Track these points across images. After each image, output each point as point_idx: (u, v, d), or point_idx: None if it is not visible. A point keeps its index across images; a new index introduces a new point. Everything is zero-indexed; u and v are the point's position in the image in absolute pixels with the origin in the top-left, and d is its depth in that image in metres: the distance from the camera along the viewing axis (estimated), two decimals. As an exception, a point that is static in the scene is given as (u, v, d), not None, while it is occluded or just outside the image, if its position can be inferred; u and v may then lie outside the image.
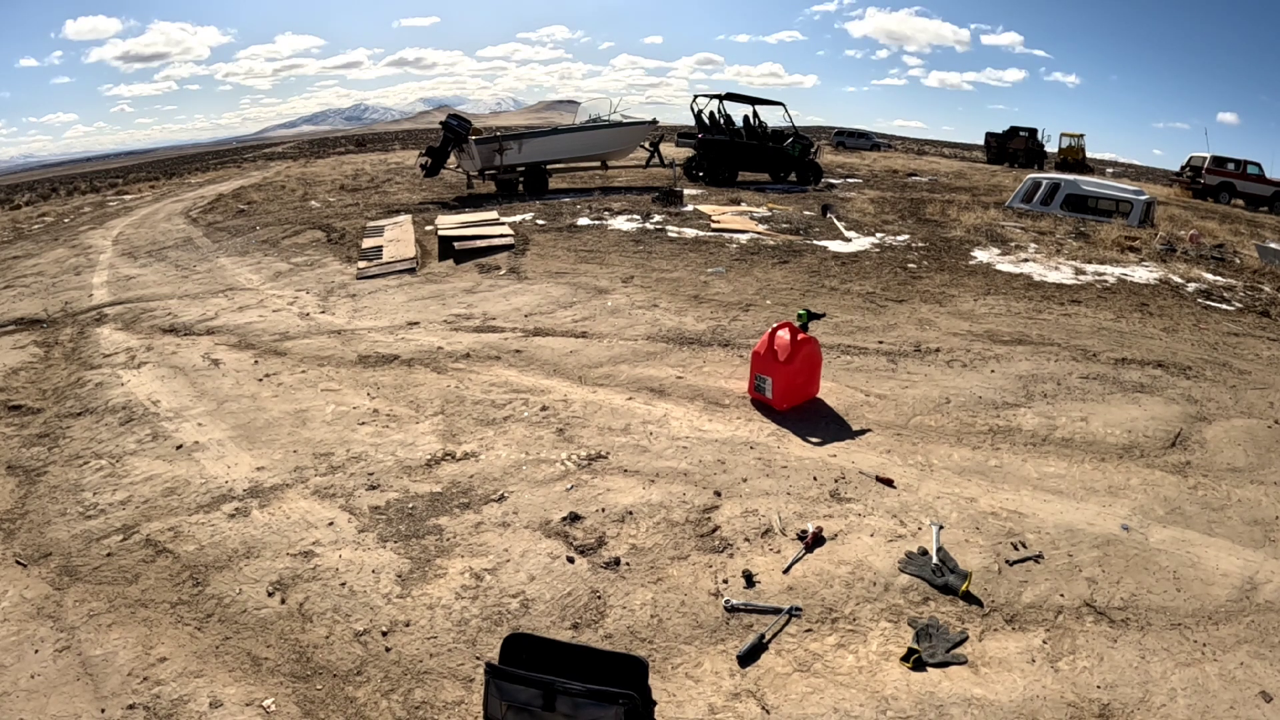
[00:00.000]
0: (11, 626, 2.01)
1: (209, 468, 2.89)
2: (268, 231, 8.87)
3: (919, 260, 6.98)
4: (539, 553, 2.28)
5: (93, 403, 3.62)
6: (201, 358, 4.22)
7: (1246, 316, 5.54)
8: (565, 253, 6.94)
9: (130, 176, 27.67)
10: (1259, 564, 2.25)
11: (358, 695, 1.76)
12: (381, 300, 5.46)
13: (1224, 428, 3.22)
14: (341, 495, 2.64)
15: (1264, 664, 1.84)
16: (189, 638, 1.95)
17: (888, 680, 1.78)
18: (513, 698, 1.50)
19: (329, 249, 7.69)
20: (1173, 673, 1.81)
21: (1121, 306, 5.51)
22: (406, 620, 2.00)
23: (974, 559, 2.23)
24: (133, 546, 2.37)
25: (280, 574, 2.20)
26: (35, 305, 5.81)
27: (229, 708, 1.72)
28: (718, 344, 4.25)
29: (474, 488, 2.66)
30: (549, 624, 1.98)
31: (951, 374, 3.83)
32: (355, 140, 45.94)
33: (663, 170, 13.90)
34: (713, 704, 1.72)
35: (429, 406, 3.41)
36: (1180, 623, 1.99)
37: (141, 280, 6.58)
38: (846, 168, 20.77)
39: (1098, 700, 1.73)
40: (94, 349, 4.53)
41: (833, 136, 40.28)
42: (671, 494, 2.60)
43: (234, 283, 6.31)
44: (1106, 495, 2.63)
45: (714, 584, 2.13)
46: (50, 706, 1.73)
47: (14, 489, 2.80)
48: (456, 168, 12.97)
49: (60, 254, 8.41)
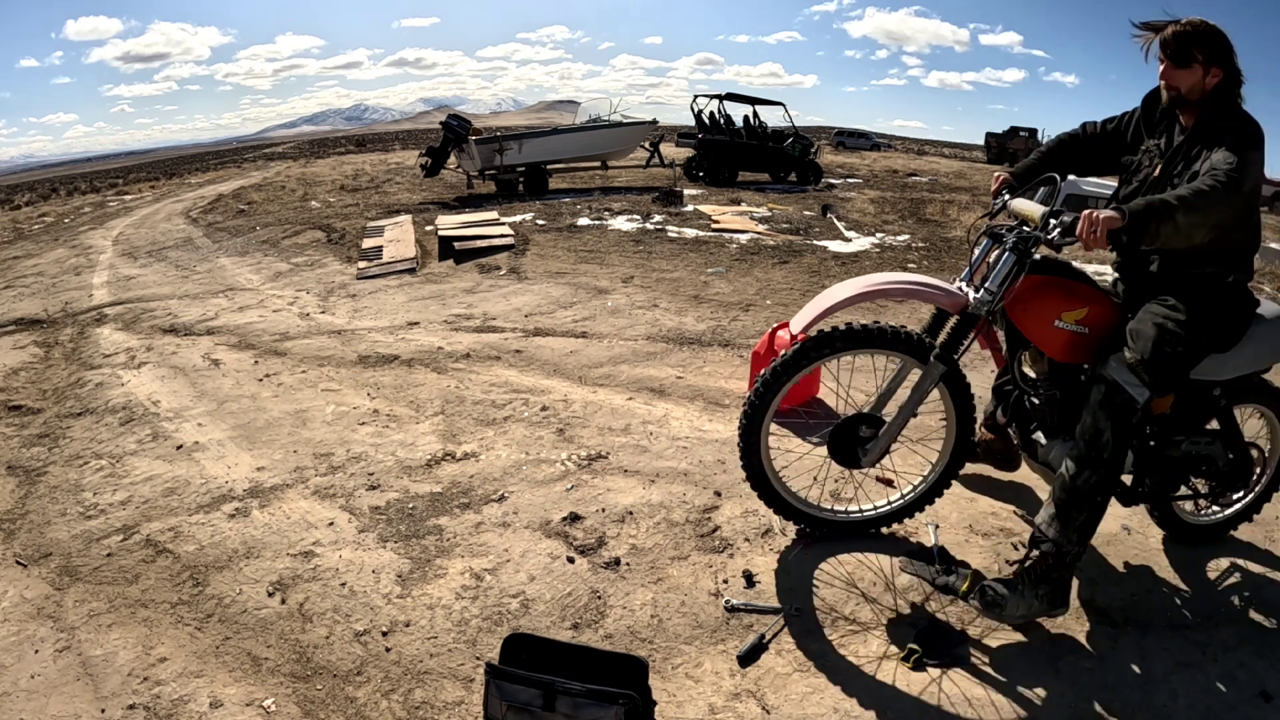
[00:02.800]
0: (11, 626, 2.01)
1: (209, 468, 2.90)
2: (268, 232, 8.87)
3: (919, 260, 6.98)
4: (539, 553, 2.28)
5: (93, 403, 3.62)
6: (201, 358, 4.22)
7: (1246, 316, 5.54)
8: (565, 253, 6.94)
9: (130, 176, 27.69)
10: (1259, 564, 2.25)
11: (358, 695, 1.76)
12: (381, 300, 5.47)
13: (1224, 428, 3.22)
14: (341, 495, 2.64)
15: (1264, 664, 1.84)
16: (189, 638, 1.95)
17: (888, 680, 1.78)
18: (513, 698, 1.50)
19: (329, 249, 7.70)
20: (1173, 673, 1.81)
21: (1121, 306, 5.51)
22: (406, 620, 2.00)
23: (974, 559, 2.23)
24: (133, 547, 2.37)
25: (280, 574, 2.20)
26: (35, 305, 5.81)
27: (229, 708, 1.72)
28: (718, 344, 4.25)
29: (474, 488, 2.66)
30: (549, 624, 1.98)
31: (951, 374, 3.83)
32: (355, 140, 45.95)
33: (663, 170, 13.91)
34: (713, 704, 1.72)
35: (429, 406, 3.41)
36: (1180, 623, 1.99)
37: (141, 280, 6.59)
38: (846, 168, 20.78)
39: (1098, 700, 1.73)
40: (94, 349, 4.53)
41: (833, 136, 40.31)
42: (672, 494, 2.60)
43: (234, 283, 6.31)
44: (1106, 495, 2.63)
45: (714, 584, 2.13)
46: (50, 706, 1.73)
47: (14, 489, 2.80)
48: (456, 168, 12.98)
49: (60, 254, 8.41)
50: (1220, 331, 1.98)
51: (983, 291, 1.98)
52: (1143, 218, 1.71)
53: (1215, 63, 1.86)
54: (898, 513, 2.33)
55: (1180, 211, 1.70)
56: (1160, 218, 1.70)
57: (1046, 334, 1.97)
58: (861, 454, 2.15)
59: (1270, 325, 2.05)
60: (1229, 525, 2.37)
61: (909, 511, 2.33)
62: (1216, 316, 1.95)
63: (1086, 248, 1.78)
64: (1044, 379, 2.12)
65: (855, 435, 2.15)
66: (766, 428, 2.16)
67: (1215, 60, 1.86)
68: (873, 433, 2.14)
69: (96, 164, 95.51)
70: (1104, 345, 1.97)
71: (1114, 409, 1.87)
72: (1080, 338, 1.96)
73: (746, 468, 2.19)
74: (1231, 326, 2.00)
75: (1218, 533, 2.37)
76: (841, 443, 2.16)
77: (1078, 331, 1.96)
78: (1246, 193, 1.78)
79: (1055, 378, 2.07)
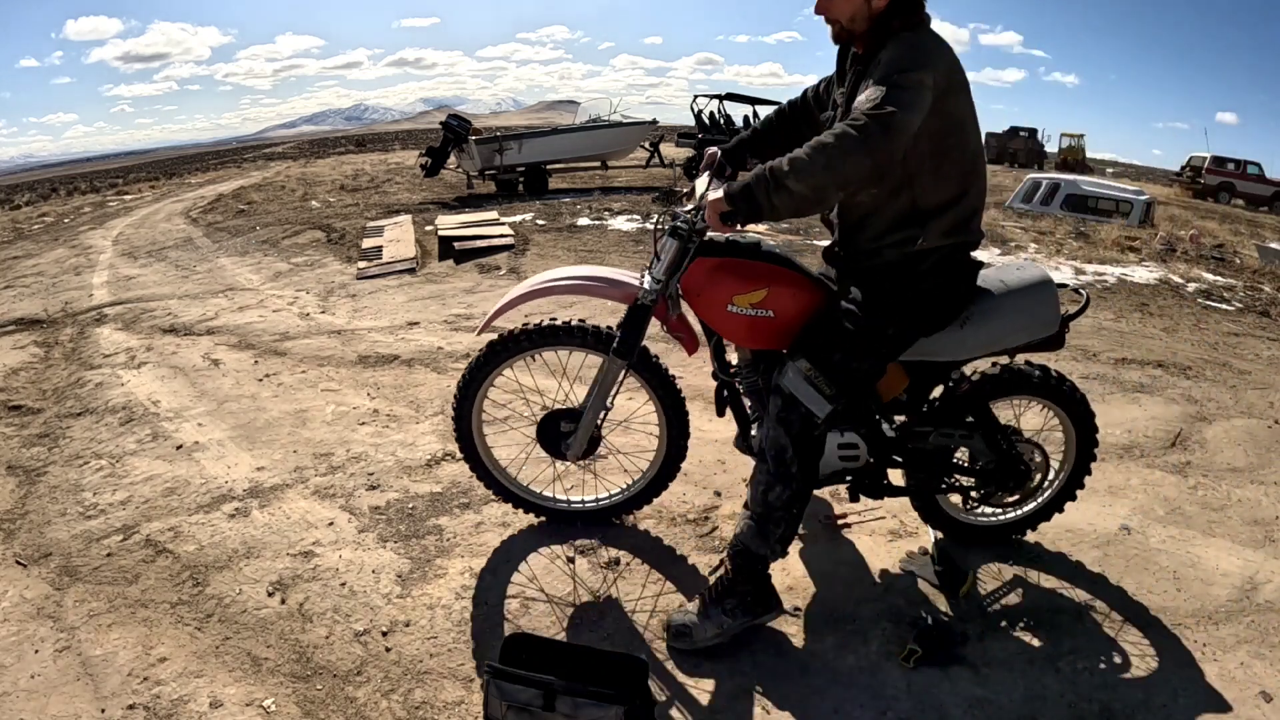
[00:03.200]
0: (11, 626, 2.01)
1: (209, 468, 2.89)
2: (268, 231, 8.87)
3: (919, 260, 6.97)
4: (539, 553, 2.28)
5: (93, 403, 3.62)
6: (201, 358, 4.22)
7: (1246, 316, 5.55)
8: (565, 253, 6.94)
9: (130, 176, 27.69)
10: (1259, 564, 2.25)
11: (358, 695, 1.76)
12: (381, 300, 5.46)
13: (1224, 428, 3.22)
14: (341, 495, 2.64)
15: (1264, 664, 1.84)
16: (189, 638, 1.95)
17: (888, 680, 1.78)
18: (513, 698, 1.50)
19: (329, 249, 7.69)
20: (1172, 673, 1.81)
21: (1121, 306, 5.51)
22: (406, 620, 2.00)
23: (974, 559, 2.23)
24: (133, 546, 2.37)
25: (280, 574, 2.20)
26: (35, 305, 5.81)
27: (229, 708, 1.72)
28: (718, 344, 4.24)
29: (474, 488, 2.65)
30: (549, 624, 1.98)
31: (951, 374, 3.83)
32: (355, 140, 45.96)
33: (663, 170, 13.89)
34: (713, 704, 1.72)
35: (429, 406, 3.41)
36: (1180, 623, 1.99)
37: (141, 280, 6.58)
38: (846, 168, 20.76)
39: (1098, 700, 1.73)
40: (94, 349, 4.53)
41: (833, 136, 40.25)
42: (671, 494, 2.59)
43: (234, 283, 6.31)
44: (1106, 495, 2.63)
45: (714, 584, 2.13)
46: (50, 706, 1.73)
47: (14, 489, 2.80)
48: (456, 168, 12.97)
49: (60, 254, 8.41)
50: (919, 311, 1.74)
51: (649, 280, 1.89)
52: (747, 194, 1.52)
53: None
54: (623, 505, 2.36)
55: (791, 177, 1.46)
56: (770, 188, 1.49)
57: (721, 319, 1.86)
58: (565, 447, 2.15)
59: (1018, 295, 1.85)
60: (1014, 529, 2.24)
61: (638, 504, 2.36)
62: (907, 295, 1.71)
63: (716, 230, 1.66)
64: (745, 366, 2.01)
65: (558, 429, 2.16)
66: (478, 421, 2.25)
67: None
68: (572, 427, 2.13)
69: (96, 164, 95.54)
70: (812, 330, 1.78)
71: (793, 424, 1.72)
72: (765, 322, 1.81)
73: (465, 457, 2.30)
74: (936, 303, 1.76)
75: (1000, 535, 2.24)
76: (547, 436, 2.18)
77: (759, 315, 1.81)
78: (900, 132, 1.45)
79: (755, 365, 1.97)
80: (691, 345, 2.05)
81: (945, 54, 1.55)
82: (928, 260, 1.70)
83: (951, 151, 1.63)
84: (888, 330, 1.72)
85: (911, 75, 1.47)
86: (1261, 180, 21.45)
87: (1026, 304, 1.86)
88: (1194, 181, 22.25)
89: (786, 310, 1.81)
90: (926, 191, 1.64)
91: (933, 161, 1.61)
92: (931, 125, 1.54)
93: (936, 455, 2.03)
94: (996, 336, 1.87)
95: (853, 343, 1.70)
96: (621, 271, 2.09)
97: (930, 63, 1.51)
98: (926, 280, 1.72)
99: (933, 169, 1.62)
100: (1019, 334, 1.89)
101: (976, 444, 2.02)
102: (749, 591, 1.84)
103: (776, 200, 1.51)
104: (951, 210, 1.67)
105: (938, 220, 1.67)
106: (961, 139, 1.64)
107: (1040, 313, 1.87)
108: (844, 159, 1.44)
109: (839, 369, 1.70)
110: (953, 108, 1.58)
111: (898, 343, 1.76)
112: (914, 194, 1.64)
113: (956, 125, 1.61)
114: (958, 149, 1.64)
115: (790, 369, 1.74)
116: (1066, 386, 2.07)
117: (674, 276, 1.87)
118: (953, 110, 1.59)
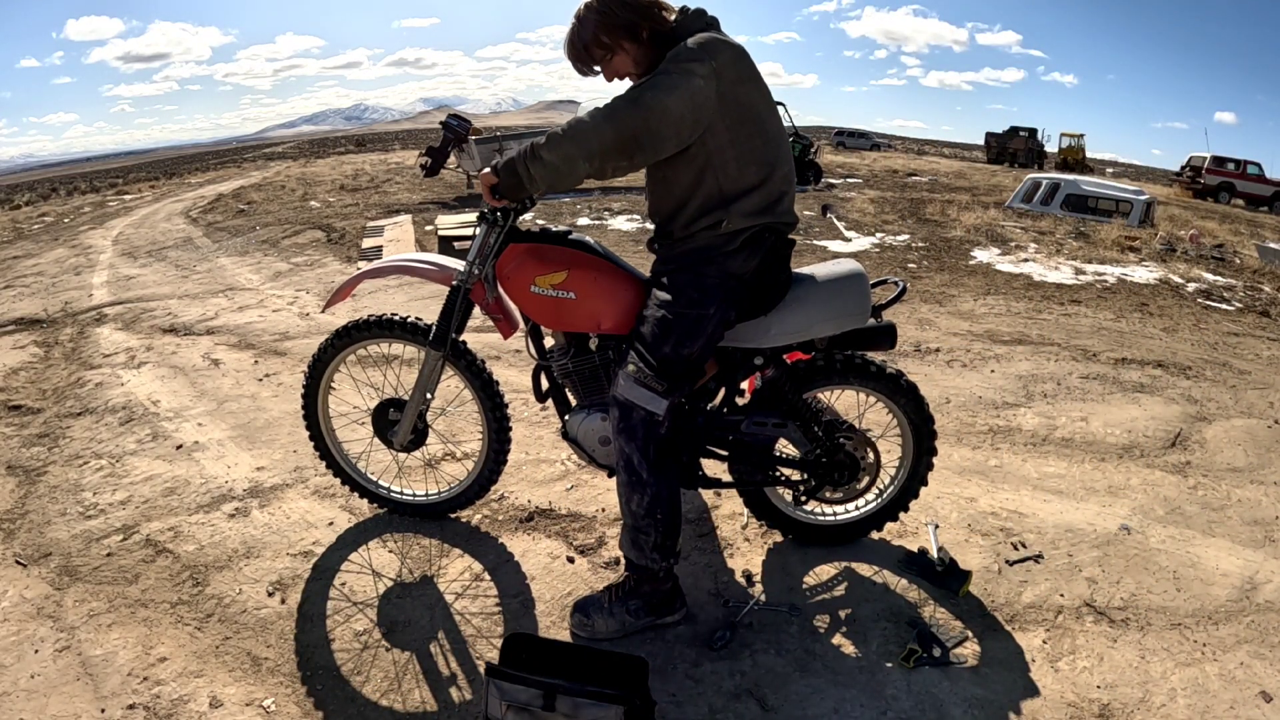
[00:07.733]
0: (11, 626, 2.01)
1: (209, 468, 2.90)
2: (268, 231, 8.87)
3: (919, 260, 6.99)
4: (539, 553, 2.28)
5: (93, 403, 3.62)
6: (201, 358, 4.22)
7: (1246, 316, 5.55)
8: (565, 253, 6.93)
9: (130, 176, 27.70)
10: (1259, 564, 2.25)
11: (358, 695, 1.76)
12: (381, 300, 5.46)
13: (1224, 428, 3.22)
14: (341, 495, 2.64)
15: (1264, 664, 1.84)
16: (189, 638, 1.95)
17: (888, 680, 1.78)
18: (513, 698, 1.50)
19: (329, 249, 7.69)
20: (1172, 673, 1.81)
21: (1121, 306, 5.52)
22: (407, 620, 2.00)
23: (974, 559, 2.23)
24: (133, 546, 2.37)
25: (280, 574, 2.20)
26: (35, 305, 5.80)
27: (229, 708, 1.72)
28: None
29: (474, 488, 2.65)
30: (549, 624, 1.98)
31: (951, 374, 3.83)
32: (355, 140, 45.96)
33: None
34: (713, 704, 1.72)
35: (429, 406, 3.40)
36: (1180, 623, 1.99)
37: (141, 280, 6.58)
38: (846, 168, 20.79)
39: (1098, 700, 1.73)
40: (94, 349, 4.53)
41: (833, 136, 40.32)
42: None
43: (234, 283, 6.31)
44: (1106, 495, 2.63)
45: (714, 584, 2.13)
46: (50, 706, 1.73)
47: (14, 489, 2.80)
48: (456, 168, 12.98)
49: (60, 254, 8.40)
50: (735, 290, 1.79)
51: (465, 265, 2.02)
52: (510, 167, 1.69)
53: (620, 38, 1.70)
54: (456, 499, 2.41)
55: (545, 148, 1.62)
56: (528, 159, 1.65)
57: (526, 299, 1.94)
58: (391, 436, 2.26)
59: (826, 285, 1.89)
60: (855, 530, 2.22)
61: (469, 499, 2.40)
62: (720, 274, 1.77)
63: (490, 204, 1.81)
64: (557, 350, 2.04)
65: (387, 419, 2.28)
66: (324, 407, 2.44)
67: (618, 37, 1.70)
68: (399, 416, 2.24)
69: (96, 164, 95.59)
70: (637, 332, 1.80)
71: (635, 431, 1.75)
72: (567, 303, 1.89)
73: (315, 447, 2.46)
74: (750, 283, 1.81)
75: (841, 536, 2.23)
76: (379, 425, 2.30)
77: (560, 297, 1.88)
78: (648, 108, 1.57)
79: (567, 349, 2.01)
80: (507, 329, 2.13)
81: (728, 48, 1.66)
82: (736, 240, 1.77)
83: (751, 139, 1.71)
84: (708, 310, 1.77)
85: (680, 64, 1.60)
86: (1261, 180, 21.45)
87: (835, 294, 1.90)
88: (1194, 181, 22.25)
89: (588, 292, 1.88)
90: (730, 177, 1.72)
91: (733, 149, 1.70)
92: (726, 114, 1.66)
93: (754, 446, 2.03)
94: (803, 325, 1.89)
95: (677, 330, 1.75)
96: (449, 258, 2.18)
97: (704, 56, 1.62)
98: (736, 259, 1.78)
99: (735, 156, 1.70)
100: (826, 323, 1.91)
101: (792, 434, 2.02)
102: (650, 593, 1.91)
103: (534, 170, 1.65)
104: (756, 192, 1.75)
105: (742, 202, 1.74)
106: (759, 126, 1.72)
107: (848, 304, 1.90)
108: (591, 130, 1.60)
109: (672, 359, 1.75)
110: (744, 97, 1.68)
111: (719, 323, 1.80)
112: (718, 180, 1.72)
113: (751, 114, 1.70)
114: (757, 136, 1.72)
115: (620, 377, 1.78)
116: (891, 373, 2.02)
117: (486, 260, 1.98)
118: (744, 100, 1.68)
